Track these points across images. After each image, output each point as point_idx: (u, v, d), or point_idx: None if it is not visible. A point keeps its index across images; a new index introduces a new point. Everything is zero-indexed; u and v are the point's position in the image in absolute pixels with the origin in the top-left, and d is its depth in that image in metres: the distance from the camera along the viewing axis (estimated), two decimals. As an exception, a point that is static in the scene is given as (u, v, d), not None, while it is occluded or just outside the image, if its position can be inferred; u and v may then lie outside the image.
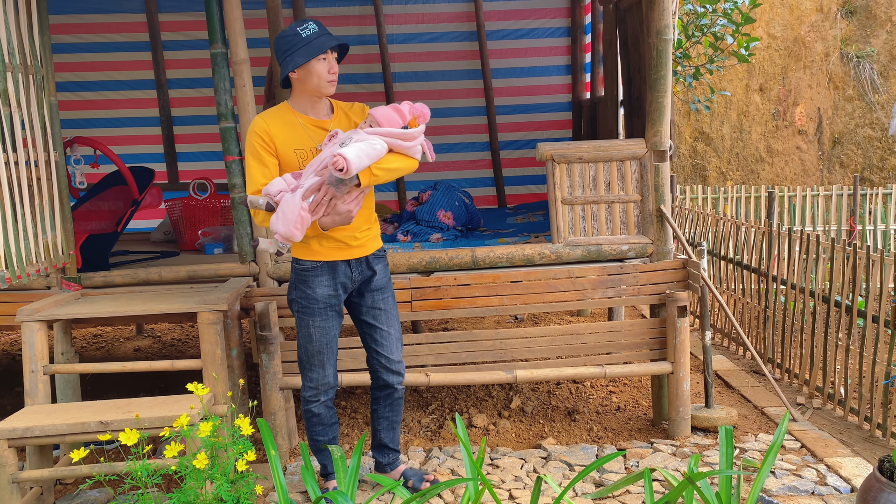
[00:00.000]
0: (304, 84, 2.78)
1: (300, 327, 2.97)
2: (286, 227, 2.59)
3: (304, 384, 3.05)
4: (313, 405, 3.06)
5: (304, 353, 3.00)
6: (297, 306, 2.95)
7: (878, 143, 11.41)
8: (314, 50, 2.71)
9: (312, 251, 2.87)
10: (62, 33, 5.93)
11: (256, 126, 2.77)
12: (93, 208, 4.61)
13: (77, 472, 2.88)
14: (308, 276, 2.89)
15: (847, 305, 4.05)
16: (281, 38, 2.76)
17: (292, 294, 2.96)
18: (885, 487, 2.54)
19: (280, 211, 2.60)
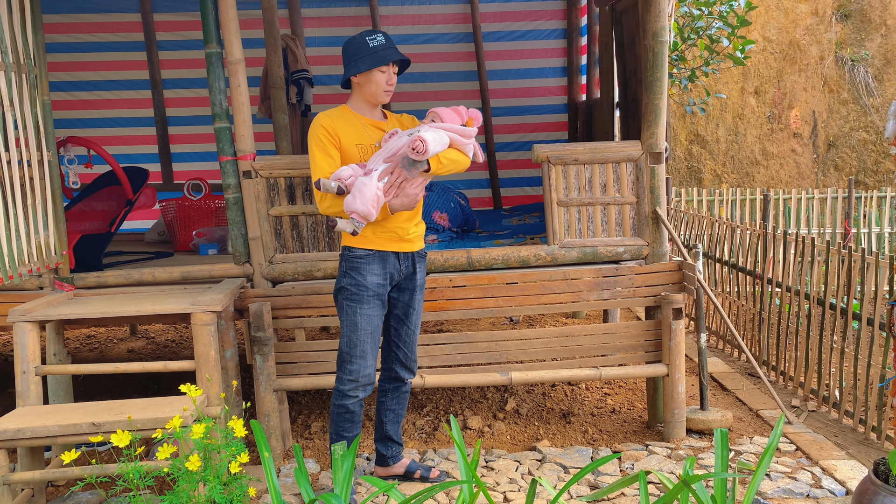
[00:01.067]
0: (362, 89, 2.98)
1: (346, 316, 2.99)
2: (364, 206, 2.74)
3: (342, 377, 3.03)
4: (350, 401, 3.04)
5: (346, 344, 3.01)
6: (345, 294, 2.98)
7: (872, 147, 11.45)
8: (378, 60, 2.91)
9: (366, 240, 2.97)
10: (56, 32, 5.91)
11: (322, 121, 2.93)
12: (86, 208, 4.59)
13: (69, 473, 2.86)
14: (360, 263, 2.97)
15: (842, 308, 4.05)
16: (350, 43, 2.96)
17: (341, 282, 2.99)
18: (881, 490, 2.54)
19: (357, 191, 2.76)
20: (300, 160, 3.63)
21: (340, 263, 3.03)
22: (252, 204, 3.62)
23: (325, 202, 2.90)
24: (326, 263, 3.69)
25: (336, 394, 3.06)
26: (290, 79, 5.11)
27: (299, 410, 4.28)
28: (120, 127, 6.17)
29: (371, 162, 2.91)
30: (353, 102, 3.06)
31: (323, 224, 3.68)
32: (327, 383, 3.63)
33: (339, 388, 3.05)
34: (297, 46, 5.20)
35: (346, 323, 3.00)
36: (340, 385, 3.04)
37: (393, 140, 2.91)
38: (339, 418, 3.08)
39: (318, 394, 4.51)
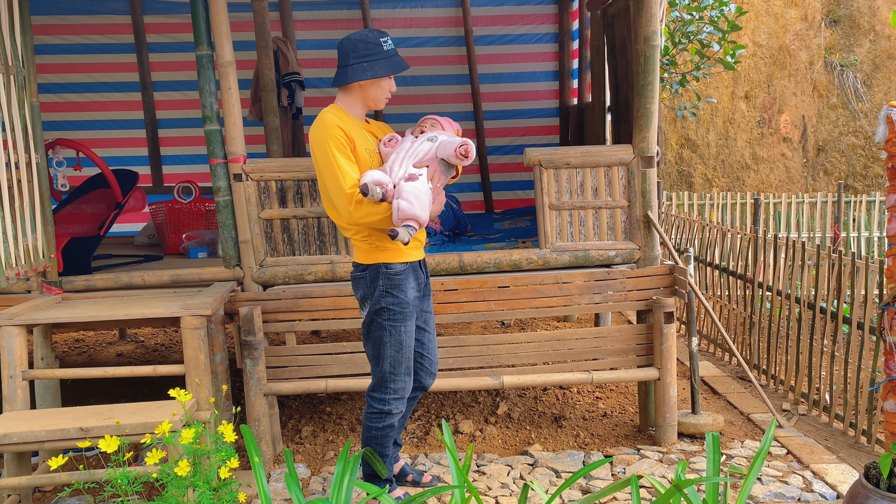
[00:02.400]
0: (365, 92, 2.81)
1: (390, 336, 2.83)
2: (424, 211, 2.64)
3: (388, 398, 2.91)
4: (395, 418, 2.95)
5: (392, 364, 2.87)
6: (388, 314, 2.82)
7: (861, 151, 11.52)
8: (393, 67, 2.78)
9: (401, 253, 2.83)
10: (45, 34, 5.87)
11: (336, 122, 2.73)
12: (75, 211, 4.55)
13: (56, 479, 2.83)
14: (400, 279, 2.82)
15: (832, 312, 4.06)
16: (361, 41, 2.75)
17: (382, 302, 2.81)
18: (871, 494, 2.54)
19: (413, 197, 2.63)
20: (291, 163, 3.62)
21: (371, 282, 2.83)
22: (243, 207, 3.60)
23: (362, 210, 2.67)
24: (317, 267, 3.67)
25: (378, 416, 2.93)
26: (281, 81, 5.10)
27: (289, 415, 4.26)
28: (109, 129, 6.14)
29: (396, 167, 2.76)
30: (346, 103, 2.86)
31: (314, 227, 3.67)
32: (318, 388, 3.61)
33: (385, 409, 2.91)
34: (288, 49, 5.19)
35: (389, 343, 2.84)
36: (385, 406, 2.91)
37: (412, 145, 2.81)
38: (385, 439, 2.96)
39: (309, 398, 4.49)
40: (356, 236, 2.84)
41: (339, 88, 2.87)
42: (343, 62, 2.79)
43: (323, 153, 2.71)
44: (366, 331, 2.91)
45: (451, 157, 2.75)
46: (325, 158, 2.70)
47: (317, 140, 2.73)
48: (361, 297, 2.89)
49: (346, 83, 2.79)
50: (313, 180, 3.62)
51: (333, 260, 3.69)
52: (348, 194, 2.68)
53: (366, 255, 2.84)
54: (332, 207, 2.86)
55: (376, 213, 2.68)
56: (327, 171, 2.72)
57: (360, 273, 2.87)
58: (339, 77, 2.80)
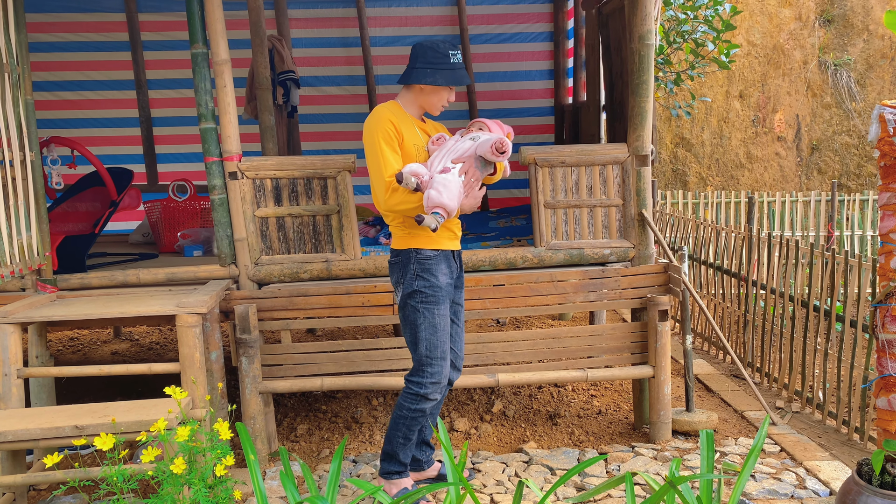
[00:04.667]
0: (425, 96, 2.96)
1: (424, 318, 2.93)
2: (451, 201, 2.78)
3: (424, 381, 2.96)
4: (430, 404, 3.00)
5: (427, 347, 2.95)
6: (420, 297, 2.93)
7: (855, 150, 11.57)
8: (455, 79, 2.93)
9: (432, 240, 2.95)
10: (39, 32, 5.86)
11: (387, 116, 2.88)
12: (70, 209, 4.55)
13: (51, 477, 2.83)
14: (431, 264, 2.94)
15: (825, 310, 4.08)
16: (431, 49, 2.91)
17: (414, 285, 2.92)
18: (864, 491, 2.56)
19: (442, 187, 2.78)
20: (286, 161, 3.62)
21: (403, 266, 2.95)
22: (238, 205, 3.60)
23: (396, 197, 2.84)
24: (312, 265, 3.68)
25: (413, 398, 2.97)
26: (276, 80, 5.10)
27: (285, 413, 4.26)
28: (104, 127, 6.12)
29: (436, 162, 2.91)
30: (405, 101, 3.00)
31: (309, 226, 3.67)
32: (313, 386, 3.61)
33: (420, 392, 2.96)
34: (283, 47, 5.18)
35: (423, 326, 2.93)
36: (422, 389, 2.96)
37: (455, 143, 2.95)
38: (414, 423, 3.00)
39: (304, 396, 4.49)
40: (394, 223, 3.00)
41: (403, 86, 3.01)
42: (411, 64, 2.95)
43: (371, 143, 2.88)
44: (402, 315, 3.01)
45: (487, 153, 2.88)
46: (372, 148, 2.87)
47: (368, 131, 2.89)
48: (395, 281, 3.03)
49: (408, 83, 2.95)
50: (308, 178, 3.63)
51: (329, 258, 3.69)
52: (386, 182, 2.85)
53: (400, 241, 2.98)
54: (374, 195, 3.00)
55: (409, 201, 2.84)
56: (371, 160, 2.89)
57: (395, 258, 3.01)
58: (405, 76, 2.96)
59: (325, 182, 3.64)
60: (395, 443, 3.05)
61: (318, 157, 3.69)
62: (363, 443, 3.86)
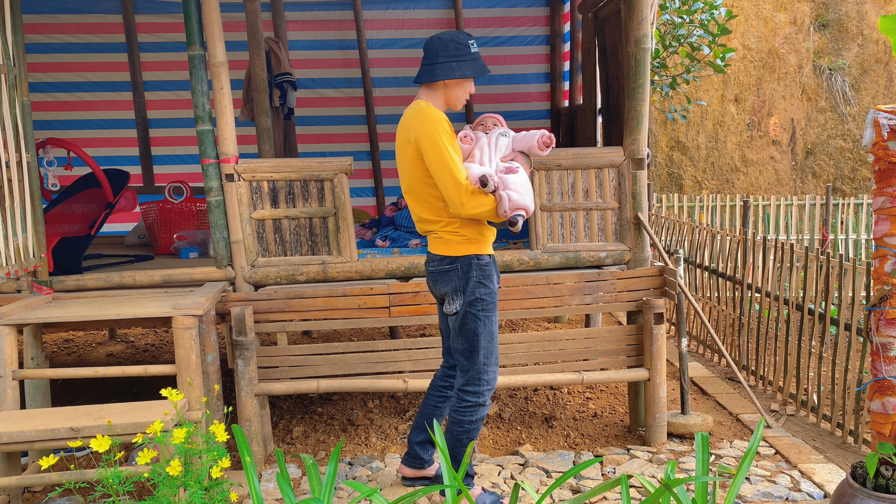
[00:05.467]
0: (449, 91, 2.89)
1: (484, 327, 2.88)
2: (531, 201, 2.81)
3: (482, 389, 2.92)
4: (487, 409, 2.98)
5: (485, 355, 2.90)
6: (481, 305, 2.87)
7: (849, 154, 11.61)
8: (479, 70, 2.86)
9: (487, 245, 2.92)
10: (36, 33, 5.85)
11: (440, 115, 2.80)
12: (66, 211, 4.54)
13: (46, 479, 2.82)
14: (489, 270, 2.90)
15: (820, 313, 4.10)
16: (452, 41, 2.82)
17: (477, 293, 2.86)
18: (858, 494, 2.57)
19: (523, 188, 2.79)
20: (283, 163, 3.62)
21: (463, 273, 2.86)
22: (234, 207, 3.60)
23: (475, 200, 2.76)
24: (309, 267, 3.68)
25: (472, 409, 2.93)
26: (273, 82, 5.10)
27: (281, 415, 4.26)
28: (100, 129, 6.12)
29: (484, 161, 2.89)
30: (433, 101, 2.90)
31: (306, 228, 3.67)
32: (309, 388, 3.61)
33: (479, 402, 2.92)
34: (280, 49, 5.19)
35: (483, 334, 2.88)
36: (479, 398, 2.92)
37: (493, 141, 2.95)
38: (475, 432, 2.96)
39: (300, 399, 4.49)
40: (445, 229, 2.88)
41: (422, 86, 2.92)
42: (431, 60, 2.84)
43: (435, 145, 2.75)
44: (459, 324, 2.90)
45: (534, 147, 2.93)
46: (438, 151, 2.75)
47: (427, 133, 2.76)
48: (452, 289, 2.89)
49: (433, 80, 2.84)
50: (305, 181, 3.63)
51: (325, 260, 3.69)
52: (464, 186, 2.75)
53: (456, 248, 2.87)
54: (421, 201, 2.90)
55: (486, 203, 2.78)
56: (440, 164, 2.75)
57: (449, 266, 2.88)
58: (426, 74, 2.85)
59: (321, 184, 3.64)
60: (461, 458, 2.96)
61: (315, 159, 3.69)
62: (359, 445, 3.86)
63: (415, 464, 3.24)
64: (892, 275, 2.66)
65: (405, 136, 2.85)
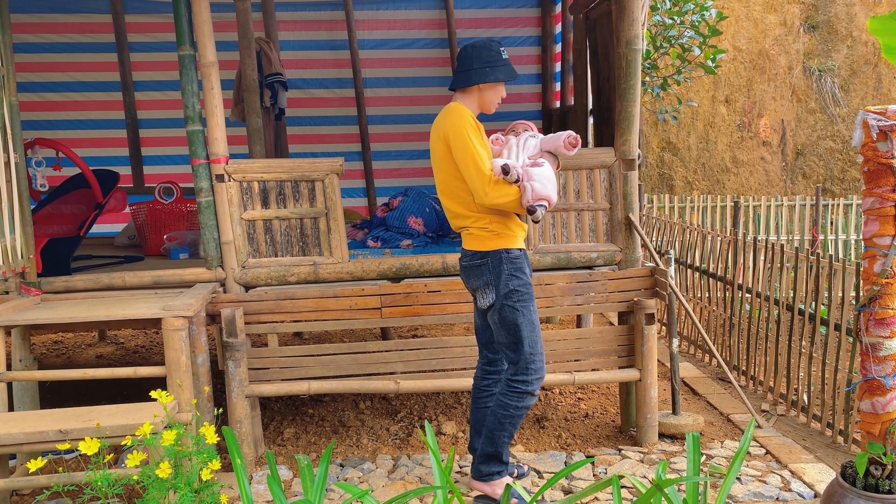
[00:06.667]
0: (483, 95, 3.00)
1: (524, 317, 2.96)
2: (554, 192, 2.91)
3: (530, 378, 2.99)
4: (534, 400, 3.04)
5: (530, 344, 2.98)
6: (517, 296, 2.95)
7: (839, 155, 11.68)
8: (510, 74, 3.00)
9: (517, 239, 3.00)
10: (25, 32, 5.81)
11: (468, 112, 2.92)
12: (54, 211, 4.51)
13: (34, 482, 2.80)
14: (521, 262, 2.99)
15: (810, 314, 4.12)
16: (485, 48, 2.96)
17: (510, 285, 2.94)
18: (848, 493, 2.58)
19: (546, 179, 2.88)
20: (274, 164, 3.61)
21: (494, 267, 2.95)
22: (225, 208, 3.58)
23: (498, 190, 2.85)
24: (300, 268, 3.67)
25: (520, 396, 3.00)
26: (263, 82, 5.08)
27: (271, 417, 4.24)
28: (90, 129, 6.08)
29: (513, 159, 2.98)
30: (469, 105, 3.01)
31: (297, 229, 3.66)
32: (300, 389, 3.60)
33: (528, 390, 2.99)
34: (271, 50, 5.17)
35: (524, 324, 2.96)
36: (529, 387, 3.00)
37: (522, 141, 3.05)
38: (519, 420, 3.04)
39: (291, 400, 4.47)
40: (475, 224, 2.97)
41: (457, 91, 3.04)
42: (465, 66, 2.97)
43: (461, 138, 2.87)
44: (498, 318, 2.98)
45: (560, 147, 3.04)
46: (463, 143, 2.86)
47: (454, 127, 2.87)
48: (484, 283, 2.98)
49: (469, 85, 2.96)
50: (296, 181, 3.62)
51: (316, 261, 3.68)
52: (487, 175, 2.85)
53: (485, 243, 2.96)
54: (453, 196, 2.99)
55: (509, 194, 2.86)
56: (465, 155, 2.86)
57: (480, 261, 2.97)
58: (462, 80, 2.98)
59: (312, 185, 3.63)
60: (499, 443, 3.04)
61: (306, 159, 3.68)
62: (350, 446, 3.85)
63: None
64: (881, 275, 2.67)
65: (437, 134, 2.97)
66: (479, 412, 3.24)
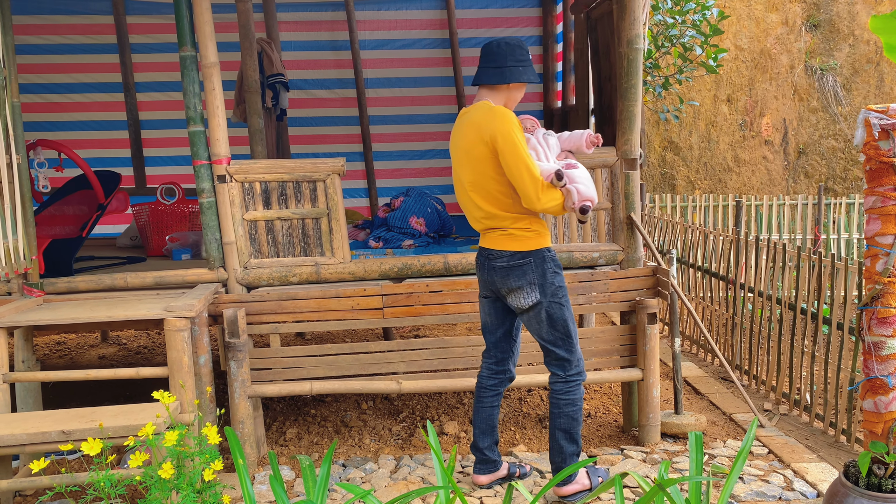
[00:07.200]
0: (511, 94, 3.01)
1: (567, 312, 3.03)
2: (595, 192, 2.96)
3: (581, 368, 3.08)
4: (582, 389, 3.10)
5: (573, 336, 3.06)
6: (561, 293, 3.02)
7: (841, 154, 11.66)
8: (536, 76, 3.04)
9: (550, 237, 3.08)
10: (27, 34, 5.82)
11: (514, 115, 2.92)
12: (57, 213, 4.51)
13: (37, 483, 2.80)
14: (557, 259, 3.07)
15: (812, 313, 4.11)
16: (518, 46, 2.97)
17: (555, 282, 3.01)
18: (851, 492, 2.58)
19: (588, 181, 2.95)
20: (275, 164, 3.61)
21: (537, 266, 2.98)
22: (227, 208, 3.58)
23: (548, 195, 2.89)
24: (302, 269, 3.67)
25: (580, 386, 3.08)
26: (265, 83, 5.08)
27: (274, 417, 4.24)
28: (92, 130, 6.09)
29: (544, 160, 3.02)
30: (497, 102, 3.00)
31: (298, 229, 3.66)
32: (302, 390, 3.60)
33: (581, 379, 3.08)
34: (272, 50, 5.17)
35: (569, 318, 3.04)
36: (581, 376, 3.08)
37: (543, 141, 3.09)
38: (578, 408, 3.09)
39: (293, 400, 4.47)
40: (515, 225, 2.98)
41: (484, 87, 3.01)
42: (497, 63, 2.94)
43: (512, 143, 2.85)
44: (546, 317, 3.02)
45: (582, 147, 3.15)
46: (515, 148, 2.85)
47: (504, 132, 2.85)
48: (528, 282, 2.99)
49: (503, 83, 2.95)
50: (297, 182, 3.62)
51: (318, 262, 3.68)
52: (540, 181, 2.87)
53: (527, 243, 2.98)
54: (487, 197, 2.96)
55: (557, 198, 2.91)
56: (518, 161, 2.85)
57: (522, 261, 2.98)
58: (494, 76, 2.95)
59: (314, 185, 3.63)
60: (578, 437, 3.10)
61: (308, 160, 3.69)
62: (353, 447, 3.85)
63: (488, 469, 3.27)
64: (883, 274, 2.67)
65: (478, 135, 2.90)
66: (484, 411, 3.25)
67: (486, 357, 3.27)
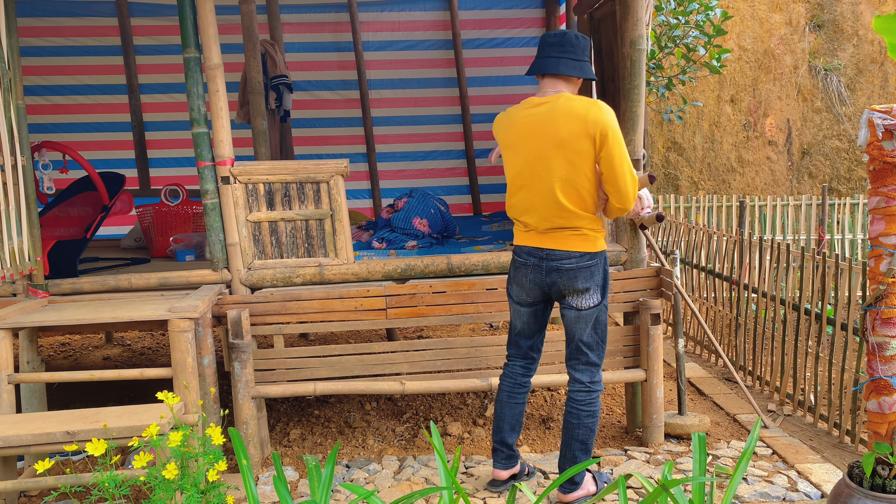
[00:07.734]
0: (576, 89, 2.96)
1: (603, 314, 3.01)
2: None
3: (599, 377, 3.05)
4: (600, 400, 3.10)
5: (606, 342, 3.06)
6: (607, 298, 3.02)
7: (845, 155, 11.64)
8: None
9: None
10: (31, 36, 5.84)
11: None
12: (61, 214, 4.53)
13: (42, 483, 2.81)
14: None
15: (817, 313, 4.10)
16: (587, 40, 2.91)
17: (608, 286, 3.02)
18: (855, 493, 2.57)
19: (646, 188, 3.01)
20: (279, 166, 3.62)
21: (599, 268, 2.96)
22: (230, 210, 3.59)
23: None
24: (305, 270, 3.67)
25: (596, 399, 3.05)
26: (269, 84, 5.10)
27: (277, 418, 4.25)
28: (96, 132, 6.11)
29: None
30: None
31: (302, 230, 3.67)
32: (306, 390, 3.61)
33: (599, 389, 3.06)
34: (276, 52, 5.18)
35: (606, 320, 3.04)
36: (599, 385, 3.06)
37: None
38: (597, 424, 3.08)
39: (297, 401, 4.48)
40: (589, 225, 2.94)
41: (558, 78, 2.90)
42: (578, 56, 2.88)
43: (619, 141, 2.81)
44: (594, 318, 2.99)
45: None
46: (622, 146, 2.82)
47: (614, 125, 2.80)
48: (595, 284, 2.96)
49: (584, 77, 2.90)
50: (301, 183, 3.63)
51: (321, 263, 3.69)
52: (637, 180, 2.90)
53: (596, 244, 2.96)
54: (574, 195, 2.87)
55: None
56: (624, 160, 2.83)
57: (591, 261, 2.94)
58: (576, 69, 2.88)
59: (317, 186, 3.64)
60: (592, 446, 3.08)
61: (311, 161, 3.69)
62: (356, 447, 3.85)
63: (511, 464, 3.25)
64: (887, 274, 2.66)
65: (583, 128, 2.78)
66: (516, 408, 3.23)
67: (517, 357, 3.22)
